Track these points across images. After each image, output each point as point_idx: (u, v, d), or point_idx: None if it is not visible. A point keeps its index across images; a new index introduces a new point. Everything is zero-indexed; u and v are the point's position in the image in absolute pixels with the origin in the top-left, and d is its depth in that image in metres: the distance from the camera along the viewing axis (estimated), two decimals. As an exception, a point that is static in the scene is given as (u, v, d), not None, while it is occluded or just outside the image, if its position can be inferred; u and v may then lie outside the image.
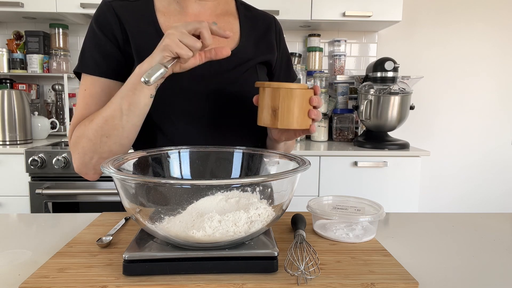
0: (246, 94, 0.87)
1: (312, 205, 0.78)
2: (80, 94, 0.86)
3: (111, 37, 0.84)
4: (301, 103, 0.73)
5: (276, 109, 0.74)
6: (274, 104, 0.74)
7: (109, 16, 0.84)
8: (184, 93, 0.85)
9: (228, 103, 0.88)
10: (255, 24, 0.95)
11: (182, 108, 0.86)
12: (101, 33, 0.84)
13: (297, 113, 0.73)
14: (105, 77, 0.84)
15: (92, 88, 0.84)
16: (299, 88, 0.73)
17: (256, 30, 0.94)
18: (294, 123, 0.74)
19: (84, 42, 0.87)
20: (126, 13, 0.85)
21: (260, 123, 0.77)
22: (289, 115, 0.73)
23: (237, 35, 0.91)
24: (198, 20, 0.82)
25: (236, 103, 0.88)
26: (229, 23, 0.92)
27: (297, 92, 0.73)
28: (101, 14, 0.85)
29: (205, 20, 0.85)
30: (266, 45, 0.94)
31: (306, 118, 0.75)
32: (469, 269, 0.64)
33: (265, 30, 0.95)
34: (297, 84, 0.75)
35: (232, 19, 0.93)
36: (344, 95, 2.44)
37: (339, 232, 0.74)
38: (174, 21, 0.87)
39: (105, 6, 0.86)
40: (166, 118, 0.86)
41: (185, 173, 0.77)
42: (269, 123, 0.75)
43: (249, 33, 0.93)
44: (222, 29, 0.72)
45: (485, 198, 2.76)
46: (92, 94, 0.84)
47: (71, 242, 0.68)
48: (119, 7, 0.85)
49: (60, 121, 2.38)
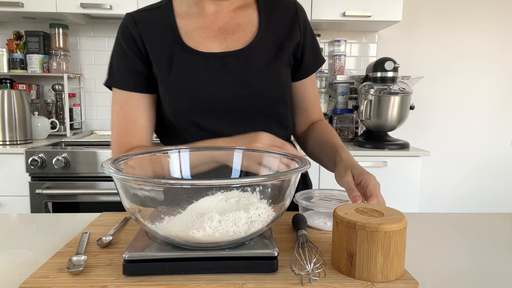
0: (270, 87, 0.88)
1: (298, 196, 0.82)
2: (114, 110, 0.90)
3: (135, 50, 0.87)
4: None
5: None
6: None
7: (131, 29, 0.87)
8: (201, 98, 0.86)
9: (247, 101, 0.88)
10: (275, 11, 0.93)
11: (202, 112, 0.87)
12: (126, 46, 0.88)
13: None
14: (134, 91, 0.88)
15: (123, 103, 0.89)
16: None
17: (276, 18, 0.92)
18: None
19: (112, 55, 0.91)
20: (146, 23, 0.88)
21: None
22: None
23: (255, 27, 0.91)
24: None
25: (254, 101, 0.88)
26: (247, 16, 0.91)
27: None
28: (124, 27, 0.89)
29: (222, 18, 0.89)
30: (287, 30, 0.92)
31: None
32: (469, 269, 0.64)
33: (286, 15, 0.93)
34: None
35: (251, 11, 0.92)
36: (344, 95, 2.44)
37: (318, 221, 0.77)
38: (193, 23, 0.89)
39: (127, 19, 0.89)
40: (188, 123, 0.88)
41: (185, 173, 0.77)
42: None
43: (268, 22, 0.91)
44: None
45: (485, 198, 2.76)
46: (125, 109, 0.89)
47: (71, 242, 0.68)
48: (139, 18, 0.88)
49: (60, 121, 2.38)
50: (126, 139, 0.90)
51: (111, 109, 0.92)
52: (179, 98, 0.87)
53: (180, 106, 0.87)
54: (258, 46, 0.89)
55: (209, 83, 0.86)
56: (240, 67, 0.87)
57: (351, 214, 0.58)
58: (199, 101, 0.86)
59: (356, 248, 0.56)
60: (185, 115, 0.88)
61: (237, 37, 0.89)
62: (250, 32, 0.90)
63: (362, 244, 0.55)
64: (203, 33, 0.88)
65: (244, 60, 0.87)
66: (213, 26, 0.89)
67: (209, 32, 0.89)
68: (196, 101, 0.86)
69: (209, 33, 0.88)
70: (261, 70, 0.88)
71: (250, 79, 0.87)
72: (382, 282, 0.55)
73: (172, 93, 0.87)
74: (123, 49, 0.88)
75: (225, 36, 0.89)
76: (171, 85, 0.87)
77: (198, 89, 0.86)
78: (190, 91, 0.86)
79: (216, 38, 0.88)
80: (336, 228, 0.59)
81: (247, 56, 0.87)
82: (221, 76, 0.86)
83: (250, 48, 0.88)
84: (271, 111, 0.91)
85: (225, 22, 0.90)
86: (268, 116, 0.91)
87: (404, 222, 0.56)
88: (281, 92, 0.91)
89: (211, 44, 0.88)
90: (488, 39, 2.62)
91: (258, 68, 0.88)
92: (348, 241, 0.57)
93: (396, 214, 0.59)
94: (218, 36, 0.89)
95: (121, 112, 0.90)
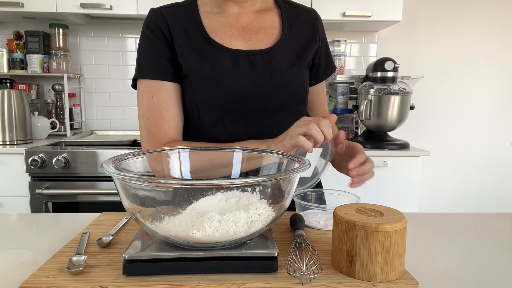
0: (294, 85, 0.92)
1: (296, 195, 0.83)
2: (144, 101, 0.88)
3: (163, 40, 0.88)
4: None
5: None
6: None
7: (158, 22, 0.89)
8: (228, 92, 0.88)
9: (272, 98, 0.90)
10: (297, 16, 0.97)
11: (227, 107, 0.89)
12: (154, 37, 0.89)
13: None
14: (164, 80, 0.88)
15: (153, 93, 0.87)
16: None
17: (298, 23, 0.96)
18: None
19: (139, 49, 0.91)
20: (173, 17, 0.90)
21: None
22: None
23: (278, 29, 0.94)
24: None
25: (280, 98, 0.91)
26: (269, 19, 0.94)
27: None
28: (151, 20, 0.90)
29: (245, 18, 0.92)
30: (309, 36, 0.96)
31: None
32: (469, 269, 0.64)
33: (307, 22, 0.97)
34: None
35: (272, 14, 0.95)
36: (344, 95, 2.44)
37: (312, 219, 0.78)
38: (217, 21, 0.92)
39: (154, 13, 0.91)
40: (212, 117, 0.89)
41: (185, 173, 0.77)
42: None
43: (291, 27, 0.95)
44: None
45: (485, 198, 2.76)
46: (155, 98, 0.87)
47: (71, 242, 0.68)
48: (166, 13, 0.90)
49: (60, 121, 2.38)
50: (161, 128, 0.88)
51: (138, 102, 0.90)
52: (206, 92, 0.88)
53: (206, 100, 0.88)
54: (282, 47, 0.92)
55: (237, 78, 0.88)
56: (266, 64, 0.89)
57: (351, 214, 0.58)
58: (225, 95, 0.88)
59: (356, 248, 0.56)
60: (210, 108, 0.89)
61: (261, 37, 0.92)
62: (273, 34, 0.93)
63: (362, 244, 0.55)
64: (228, 31, 0.91)
65: (269, 59, 0.90)
66: (237, 26, 0.92)
67: (233, 30, 0.91)
68: (222, 95, 0.88)
69: (233, 31, 0.91)
70: (286, 69, 0.91)
71: (276, 76, 0.90)
72: (382, 282, 0.55)
73: (201, 86, 0.88)
74: (151, 38, 0.89)
75: (249, 36, 0.91)
76: (200, 78, 0.88)
77: (225, 83, 0.87)
78: (218, 85, 0.88)
79: (240, 37, 0.91)
80: (336, 228, 0.59)
81: (272, 55, 0.90)
82: (249, 72, 0.89)
83: (275, 48, 0.91)
84: (293, 108, 0.94)
85: (248, 22, 0.93)
86: (290, 113, 0.92)
87: (404, 222, 0.56)
88: (301, 91, 0.95)
89: (236, 42, 0.90)
90: (488, 39, 2.62)
91: (283, 67, 0.90)
92: (348, 241, 0.57)
93: (396, 214, 0.59)
94: (242, 35, 0.91)
95: (152, 102, 0.88)
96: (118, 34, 2.48)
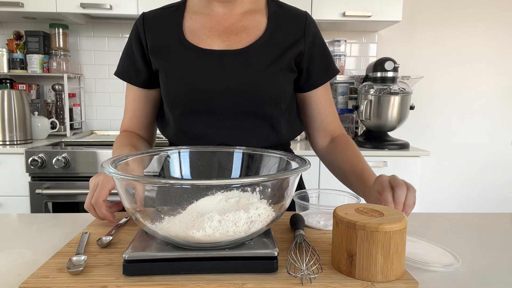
0: (262, 87, 0.89)
1: (295, 196, 0.84)
2: (126, 98, 1.01)
3: (138, 43, 0.93)
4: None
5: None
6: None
7: (138, 25, 0.94)
8: (192, 92, 0.89)
9: (240, 98, 0.89)
10: (285, 20, 0.94)
11: (192, 105, 0.90)
12: (133, 39, 0.94)
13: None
14: (130, 83, 0.97)
15: (129, 94, 0.99)
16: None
17: (284, 26, 0.93)
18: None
19: (124, 48, 0.98)
20: (153, 21, 0.93)
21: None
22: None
23: (261, 31, 0.92)
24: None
25: (249, 99, 0.90)
26: (255, 20, 0.93)
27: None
28: (135, 23, 0.95)
29: (229, 19, 0.92)
30: (292, 39, 0.92)
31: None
32: (469, 269, 0.64)
33: (295, 25, 0.93)
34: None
35: (260, 16, 0.93)
36: (344, 95, 2.44)
37: (312, 219, 0.79)
38: (200, 22, 0.92)
39: (140, 16, 0.95)
40: (178, 114, 0.92)
41: (185, 173, 0.77)
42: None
43: (275, 29, 0.92)
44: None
45: (485, 198, 2.76)
46: (130, 100, 0.99)
47: (71, 242, 0.68)
48: (148, 16, 0.94)
49: (60, 121, 2.38)
50: (124, 119, 1.02)
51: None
52: (174, 91, 0.90)
53: (175, 99, 0.91)
54: (259, 48, 0.89)
55: (202, 78, 0.88)
56: (237, 65, 0.88)
57: (351, 214, 0.58)
58: (192, 94, 0.89)
59: (356, 248, 0.56)
60: (176, 105, 0.91)
61: (240, 38, 0.90)
62: (254, 34, 0.91)
63: (362, 244, 0.55)
64: (207, 32, 0.91)
65: (242, 59, 0.88)
66: (219, 27, 0.91)
67: (213, 31, 0.91)
68: (190, 95, 0.89)
69: (213, 32, 0.91)
70: (257, 70, 0.88)
71: (243, 77, 0.88)
72: (382, 282, 0.55)
73: (168, 85, 0.90)
74: (130, 40, 0.96)
75: (228, 36, 0.90)
76: (167, 76, 0.90)
77: (193, 83, 0.88)
78: (185, 84, 0.88)
79: (219, 37, 0.90)
80: (336, 228, 0.59)
81: (245, 56, 0.88)
82: (217, 71, 0.88)
83: (250, 48, 0.89)
84: (260, 111, 0.91)
85: (231, 23, 0.92)
86: (257, 116, 0.91)
87: (404, 222, 0.56)
88: (274, 95, 0.90)
89: (213, 42, 0.90)
90: (488, 39, 2.62)
91: (254, 68, 0.88)
92: (348, 241, 0.57)
93: (396, 214, 0.59)
94: (221, 36, 0.90)
95: (128, 100, 1.00)
96: (118, 34, 2.48)
